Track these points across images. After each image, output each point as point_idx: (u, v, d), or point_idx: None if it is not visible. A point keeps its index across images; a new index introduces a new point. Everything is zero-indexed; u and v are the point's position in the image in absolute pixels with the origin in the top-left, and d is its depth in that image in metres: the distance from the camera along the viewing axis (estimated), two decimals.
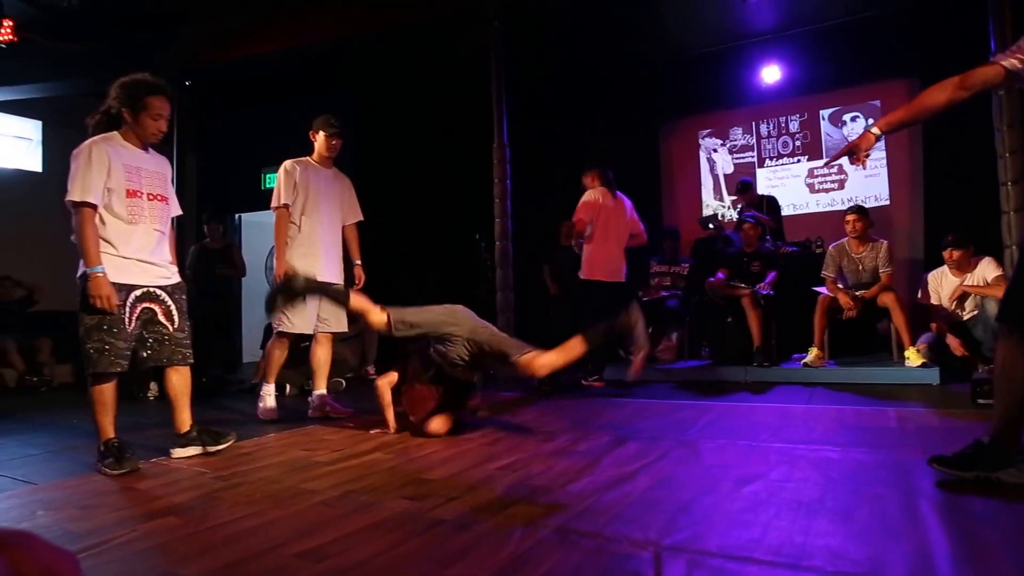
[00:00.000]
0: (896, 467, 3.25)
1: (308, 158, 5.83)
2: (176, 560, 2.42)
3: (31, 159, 10.10)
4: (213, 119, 11.56)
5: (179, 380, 4.20)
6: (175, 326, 4.10)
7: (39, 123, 10.16)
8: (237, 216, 11.34)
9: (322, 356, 5.80)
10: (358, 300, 4.71)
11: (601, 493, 3.00)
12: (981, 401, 4.96)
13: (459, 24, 7.85)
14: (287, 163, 5.73)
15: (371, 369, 8.48)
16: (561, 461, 3.66)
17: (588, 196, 6.85)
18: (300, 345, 6.21)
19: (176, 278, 4.19)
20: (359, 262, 6.04)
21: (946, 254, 6.42)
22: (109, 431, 3.85)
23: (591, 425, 4.70)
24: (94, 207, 3.78)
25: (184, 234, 9.20)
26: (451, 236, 9.74)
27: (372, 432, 4.69)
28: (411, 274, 10.12)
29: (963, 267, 6.38)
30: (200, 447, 4.16)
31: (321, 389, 5.75)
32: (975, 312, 6.28)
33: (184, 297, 4.21)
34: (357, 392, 7.30)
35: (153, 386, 7.32)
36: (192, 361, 4.23)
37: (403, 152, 10.59)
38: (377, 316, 4.55)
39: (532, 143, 8.23)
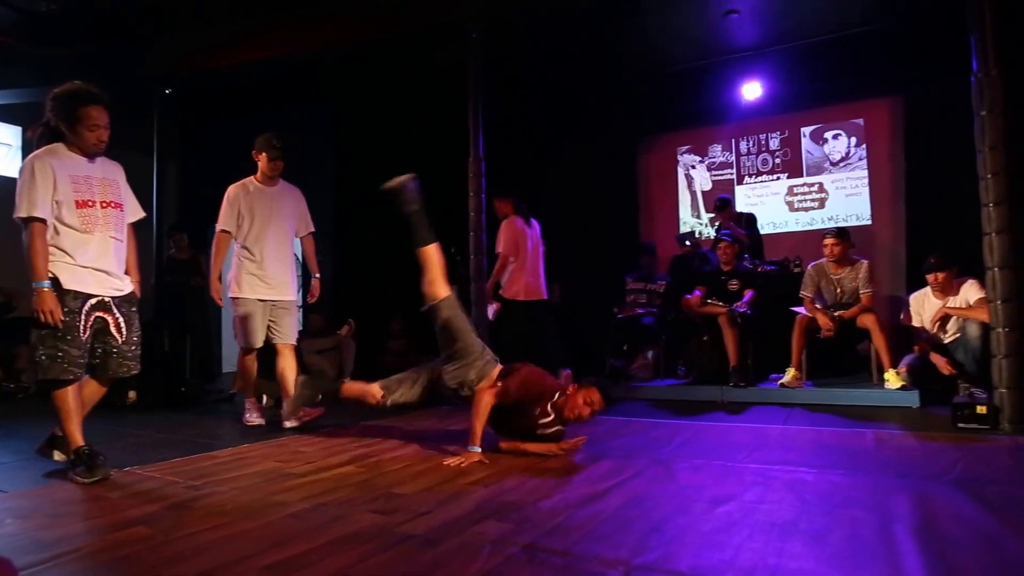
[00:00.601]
0: (872, 490, 3.27)
1: (252, 179, 5.94)
2: (144, 571, 2.42)
3: (11, 165, 10.01)
4: (194, 128, 11.51)
5: (95, 392, 4.13)
6: (123, 339, 4.04)
7: (19, 129, 10.06)
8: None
9: (286, 366, 5.86)
10: (350, 388, 4.81)
11: (572, 511, 3.01)
12: (962, 425, 5.02)
13: (438, 36, 7.86)
14: (230, 190, 5.89)
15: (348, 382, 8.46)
16: (533, 478, 3.67)
17: (508, 227, 7.11)
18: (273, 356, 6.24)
19: (128, 288, 4.14)
20: (317, 275, 6.16)
21: (929, 276, 6.41)
22: (78, 439, 3.83)
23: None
24: (43, 221, 3.76)
25: (164, 243, 9.18)
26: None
27: (450, 463, 4.07)
28: (388, 288, 10.12)
29: (946, 289, 6.37)
30: (69, 463, 3.89)
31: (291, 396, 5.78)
32: (957, 335, 6.30)
33: (135, 310, 4.15)
34: (333, 405, 7.27)
35: (132, 394, 7.29)
36: (137, 371, 4.18)
37: (380, 163, 10.54)
38: (374, 391, 4.62)
39: (509, 157, 8.25)
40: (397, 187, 4.59)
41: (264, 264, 5.75)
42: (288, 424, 5.62)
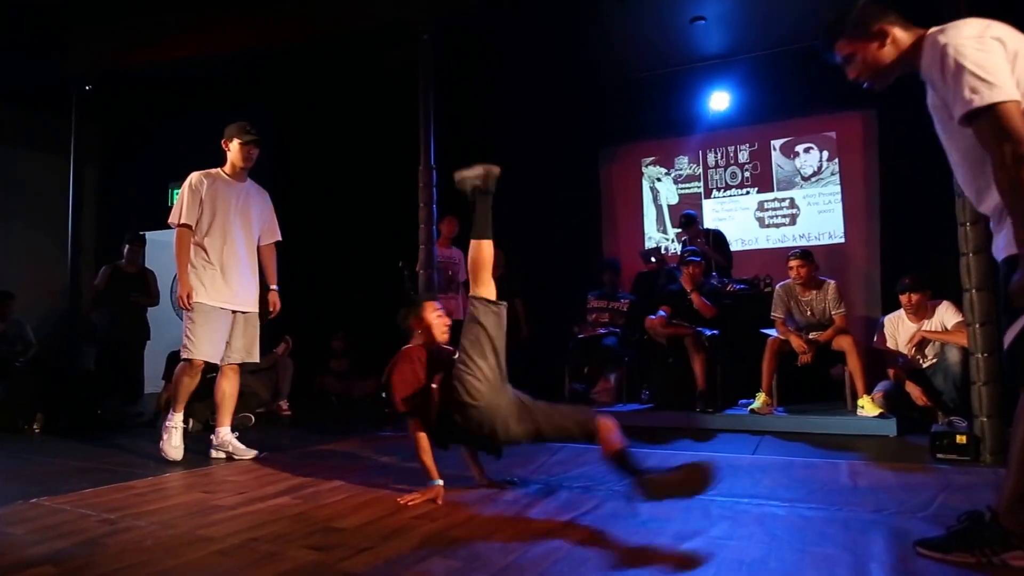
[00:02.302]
0: (846, 526, 3.26)
1: (219, 170, 5.68)
2: None
3: None
4: (116, 129, 11.34)
5: None
6: None
7: None
8: (141, 234, 11.09)
9: (228, 389, 5.64)
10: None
11: (526, 548, 2.97)
12: (941, 456, 5.04)
13: (387, 37, 7.82)
14: (193, 176, 5.54)
15: (284, 404, 8.36)
16: (484, 511, 3.63)
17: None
18: (206, 376, 6.04)
19: None
20: (275, 287, 5.94)
21: (903, 297, 6.45)
22: None
23: (519, 471, 4.65)
24: None
25: (84, 254, 9.00)
26: (373, 263, 9.67)
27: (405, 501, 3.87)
28: (329, 304, 10.03)
29: (920, 312, 6.42)
30: None
31: (225, 425, 5.60)
32: (935, 360, 6.34)
33: None
34: (268, 430, 7.18)
35: (39, 417, 7.15)
36: None
37: (323, 172, 10.53)
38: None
39: (462, 165, 8.21)
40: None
41: (225, 268, 5.49)
42: (215, 455, 5.48)
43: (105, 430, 7.07)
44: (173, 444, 5.34)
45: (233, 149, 5.63)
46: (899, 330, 6.62)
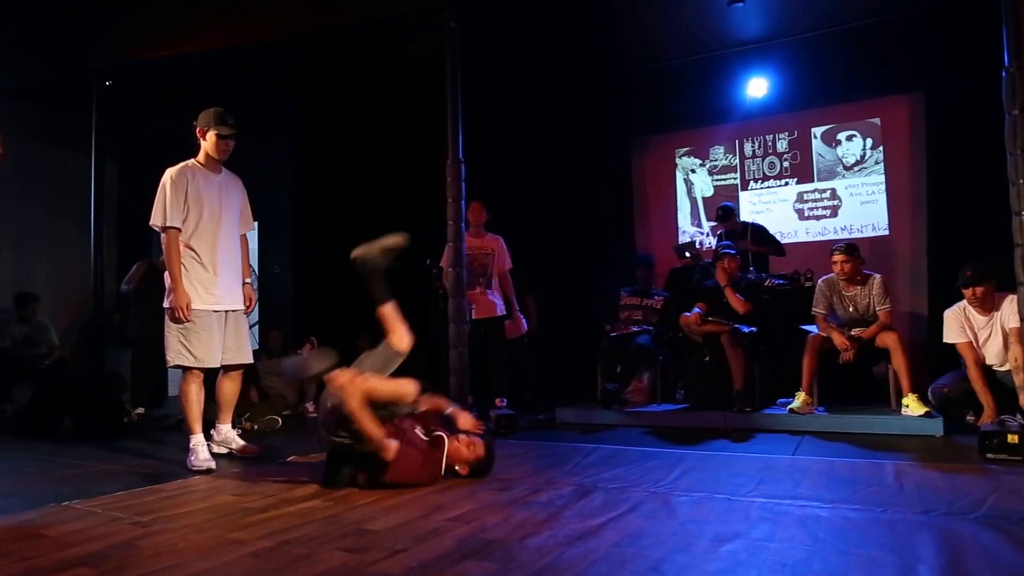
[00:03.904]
0: (892, 527, 3.28)
1: (194, 162, 5.61)
2: None
3: None
4: (137, 123, 11.42)
5: None
6: None
7: None
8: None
9: (230, 389, 5.75)
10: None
11: (562, 549, 3.01)
12: (991, 455, 5.01)
13: (412, 25, 7.84)
14: (172, 172, 5.49)
15: (310, 406, 8.45)
16: (519, 512, 3.67)
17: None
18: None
19: None
20: (248, 280, 5.91)
21: (967, 292, 6.26)
22: None
23: (553, 473, 4.71)
24: None
25: (107, 253, 9.10)
26: (399, 261, 9.70)
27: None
28: (354, 303, 10.08)
29: (988, 305, 6.22)
30: None
31: (226, 423, 5.75)
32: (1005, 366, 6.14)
33: None
34: (295, 432, 7.26)
35: (67, 420, 7.25)
36: None
37: (347, 165, 10.54)
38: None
39: (490, 159, 8.23)
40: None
41: (216, 268, 5.47)
42: (217, 451, 5.58)
43: (132, 433, 7.16)
44: (202, 458, 5.22)
45: (209, 140, 5.58)
46: (969, 324, 6.39)
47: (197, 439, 5.33)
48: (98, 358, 8.56)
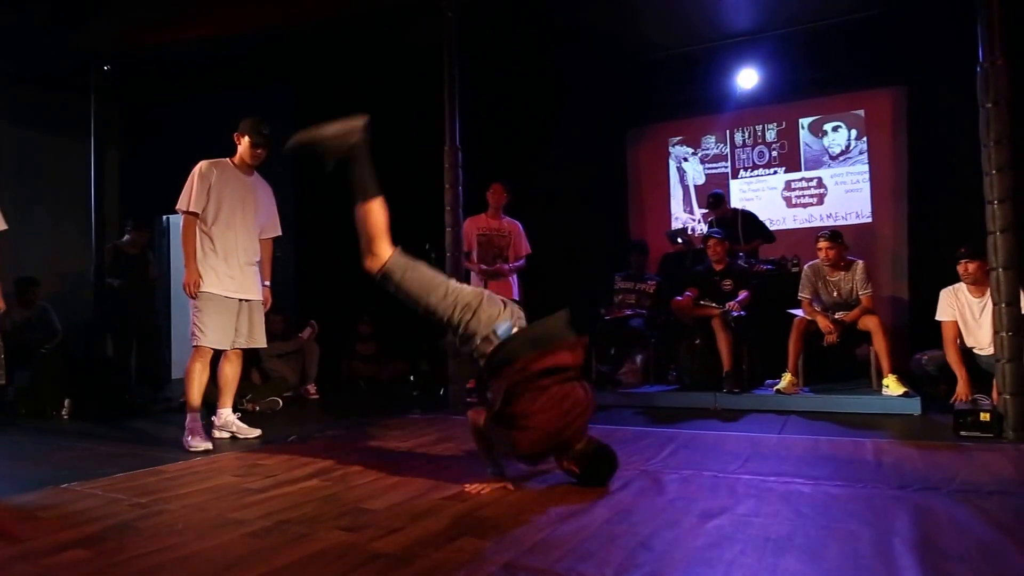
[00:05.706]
0: (870, 502, 3.31)
1: (229, 160, 5.79)
2: None
3: None
4: (137, 110, 11.36)
5: None
6: None
7: None
8: (165, 218, 11.08)
9: (230, 372, 5.77)
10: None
11: (554, 526, 3.02)
12: (964, 433, 5.08)
13: (410, 14, 7.82)
14: (203, 164, 5.65)
15: (311, 388, 8.46)
16: (513, 491, 3.68)
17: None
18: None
19: None
20: (267, 283, 6.01)
21: (960, 268, 6.28)
22: None
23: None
24: None
25: (107, 237, 9.09)
26: (399, 245, 9.68)
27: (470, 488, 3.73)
28: (355, 287, 10.09)
29: (980, 283, 6.16)
30: None
31: (227, 407, 5.76)
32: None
33: None
34: (296, 413, 7.27)
35: (67, 403, 7.25)
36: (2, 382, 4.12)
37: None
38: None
39: (487, 146, 8.23)
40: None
41: (229, 259, 5.58)
42: (218, 435, 5.60)
43: (133, 415, 7.13)
44: (198, 438, 5.25)
45: (244, 145, 5.76)
46: (963, 305, 6.37)
47: (193, 417, 5.41)
48: (99, 341, 8.55)
